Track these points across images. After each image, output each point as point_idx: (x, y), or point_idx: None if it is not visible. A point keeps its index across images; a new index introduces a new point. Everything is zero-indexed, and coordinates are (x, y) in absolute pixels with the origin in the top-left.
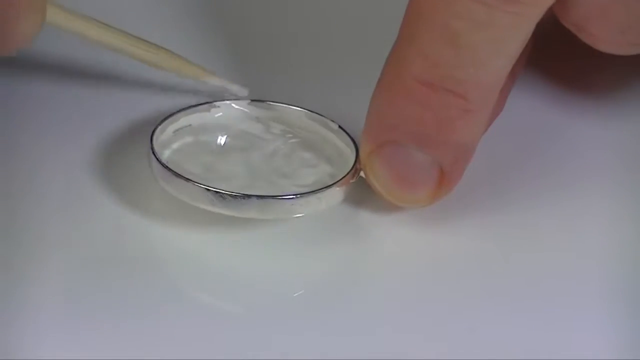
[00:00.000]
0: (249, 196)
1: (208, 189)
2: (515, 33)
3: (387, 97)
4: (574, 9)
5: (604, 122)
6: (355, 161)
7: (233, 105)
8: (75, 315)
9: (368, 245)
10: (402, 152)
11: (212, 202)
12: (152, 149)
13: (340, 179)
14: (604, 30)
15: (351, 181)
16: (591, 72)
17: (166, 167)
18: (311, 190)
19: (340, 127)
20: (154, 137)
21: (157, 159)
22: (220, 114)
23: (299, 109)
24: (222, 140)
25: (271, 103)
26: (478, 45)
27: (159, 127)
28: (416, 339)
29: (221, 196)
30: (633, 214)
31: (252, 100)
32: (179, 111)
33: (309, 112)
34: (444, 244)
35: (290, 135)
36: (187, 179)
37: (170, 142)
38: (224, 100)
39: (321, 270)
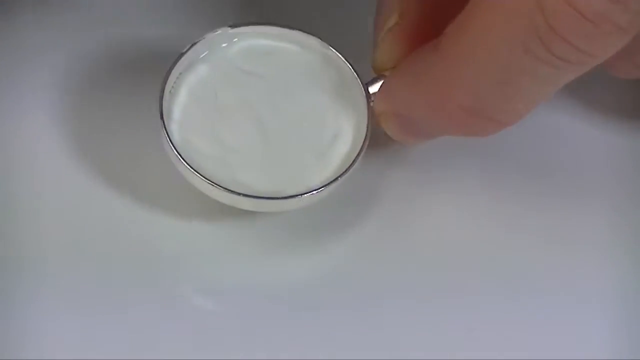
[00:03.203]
0: (270, 198)
1: (227, 190)
2: (571, 78)
3: (424, 107)
4: None
5: (604, 125)
6: (366, 136)
7: (215, 37)
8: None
9: (365, 243)
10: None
11: (234, 201)
12: (173, 147)
13: (356, 157)
14: (613, 56)
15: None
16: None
17: (190, 168)
18: (330, 181)
19: (336, 51)
20: (164, 116)
21: (182, 159)
22: (206, 52)
23: (288, 29)
24: (217, 93)
25: (256, 26)
26: (531, 90)
27: (164, 96)
28: (414, 338)
29: (245, 196)
30: (634, 216)
31: (232, 26)
32: (171, 67)
33: (300, 32)
34: (442, 242)
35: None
36: (210, 181)
37: (170, 107)
38: (204, 37)
39: (318, 267)
